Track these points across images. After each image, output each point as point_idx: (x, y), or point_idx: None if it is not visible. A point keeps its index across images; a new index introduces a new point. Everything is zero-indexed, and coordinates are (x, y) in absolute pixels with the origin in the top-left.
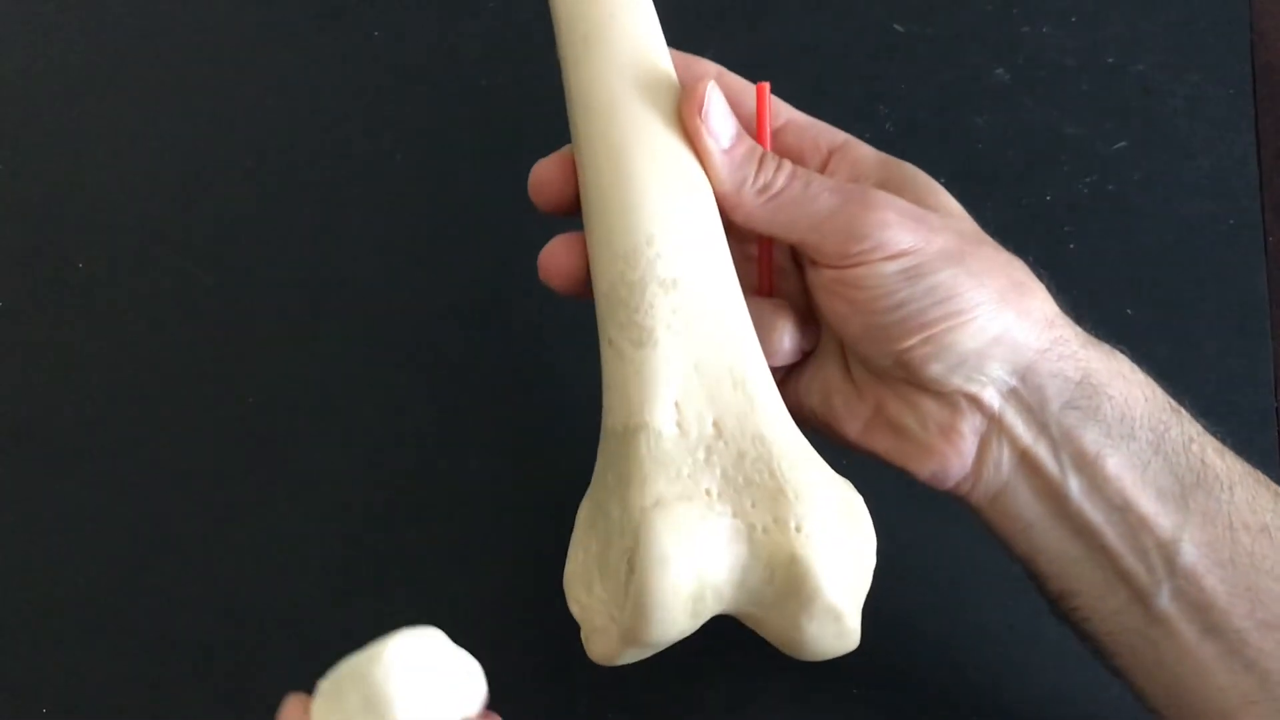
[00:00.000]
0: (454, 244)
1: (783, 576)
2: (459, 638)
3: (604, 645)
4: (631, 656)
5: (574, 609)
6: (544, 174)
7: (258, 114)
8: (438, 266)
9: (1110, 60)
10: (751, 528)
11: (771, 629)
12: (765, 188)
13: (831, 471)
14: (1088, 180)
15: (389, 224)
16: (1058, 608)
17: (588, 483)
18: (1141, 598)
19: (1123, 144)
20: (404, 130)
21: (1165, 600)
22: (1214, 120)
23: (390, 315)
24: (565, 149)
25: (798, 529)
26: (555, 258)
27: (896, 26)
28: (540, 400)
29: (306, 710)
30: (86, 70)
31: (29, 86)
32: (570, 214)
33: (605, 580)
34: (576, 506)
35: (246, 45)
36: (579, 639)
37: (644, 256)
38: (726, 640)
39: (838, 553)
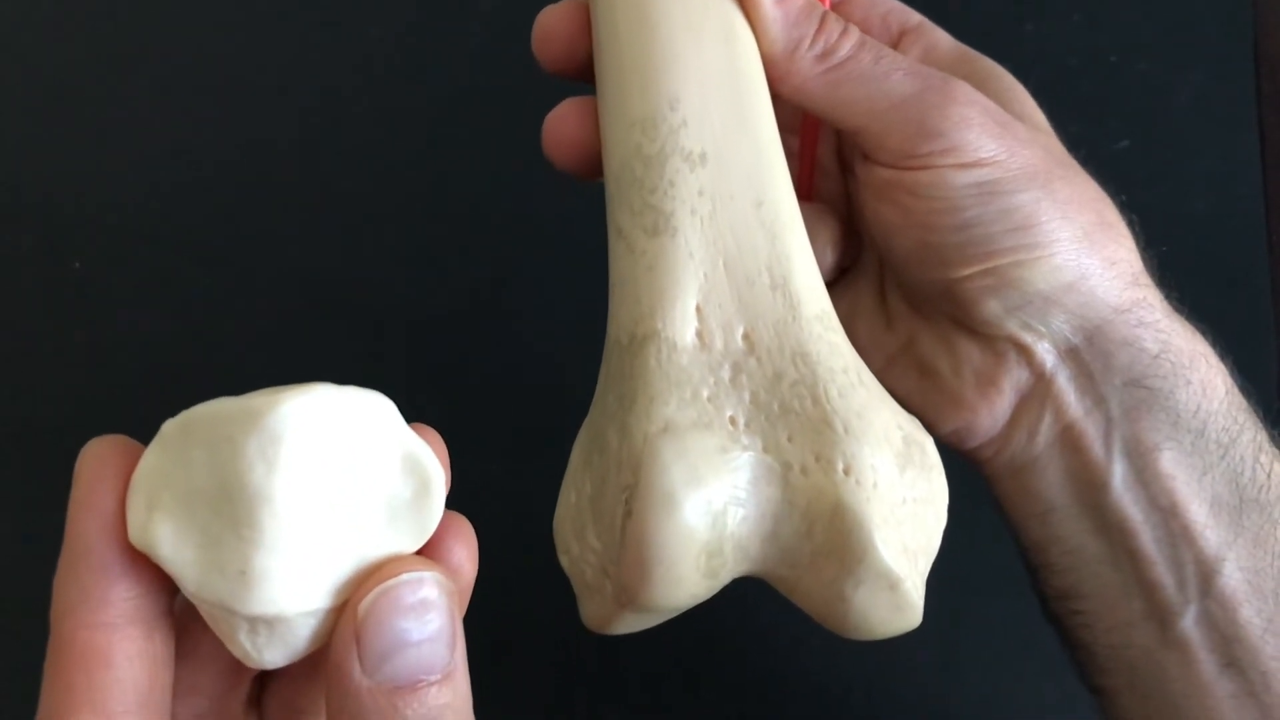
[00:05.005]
0: (455, 243)
1: (824, 530)
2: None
3: (596, 608)
4: (633, 624)
5: (563, 561)
6: (551, 22)
7: (257, 113)
8: (438, 266)
9: (1113, 59)
10: (787, 467)
11: (808, 596)
12: (826, 54)
13: (895, 404)
14: None
15: (389, 223)
16: (1055, 607)
17: None
18: (1161, 614)
19: (1125, 143)
20: (405, 130)
21: (1189, 623)
22: (1217, 119)
23: (390, 315)
24: None
25: (845, 471)
26: (563, 124)
27: None
28: (541, 403)
29: (124, 456)
30: (86, 70)
31: (28, 86)
32: (582, 78)
33: (599, 527)
34: None
35: (246, 44)
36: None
37: (666, 123)
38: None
39: (895, 503)
